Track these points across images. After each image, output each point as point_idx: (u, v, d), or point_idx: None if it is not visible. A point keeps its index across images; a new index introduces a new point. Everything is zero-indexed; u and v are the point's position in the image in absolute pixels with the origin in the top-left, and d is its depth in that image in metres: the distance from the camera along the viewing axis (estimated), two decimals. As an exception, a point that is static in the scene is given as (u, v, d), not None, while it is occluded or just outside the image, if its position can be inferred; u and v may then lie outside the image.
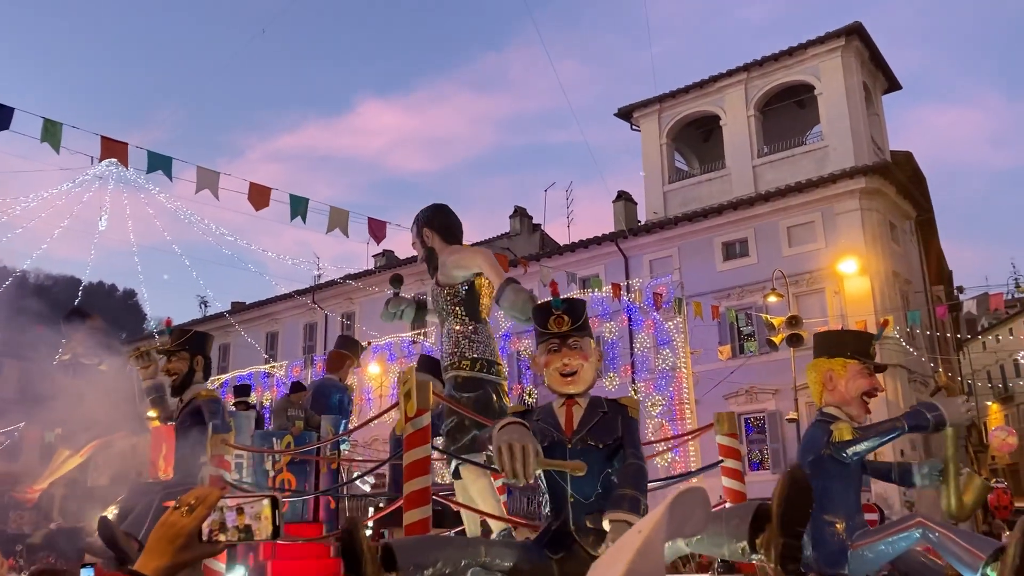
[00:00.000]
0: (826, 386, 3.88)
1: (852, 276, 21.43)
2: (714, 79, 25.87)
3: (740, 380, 22.21)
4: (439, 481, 6.48)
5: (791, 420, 19.26)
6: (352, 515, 2.55)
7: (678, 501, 1.95)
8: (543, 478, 3.01)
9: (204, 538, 1.33)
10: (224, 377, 28.68)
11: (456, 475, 4.15)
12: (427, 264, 4.48)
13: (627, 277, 24.07)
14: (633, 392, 22.57)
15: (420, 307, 4.72)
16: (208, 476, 4.89)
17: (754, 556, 2.80)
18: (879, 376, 3.89)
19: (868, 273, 21.65)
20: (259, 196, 8.53)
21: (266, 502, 1.36)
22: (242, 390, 8.90)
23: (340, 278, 29.14)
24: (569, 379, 3.09)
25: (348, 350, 7.89)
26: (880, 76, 26.16)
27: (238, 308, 33.90)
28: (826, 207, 22.71)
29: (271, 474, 6.17)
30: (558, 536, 2.89)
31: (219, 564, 3.98)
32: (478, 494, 4.09)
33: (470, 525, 4.30)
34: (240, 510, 1.35)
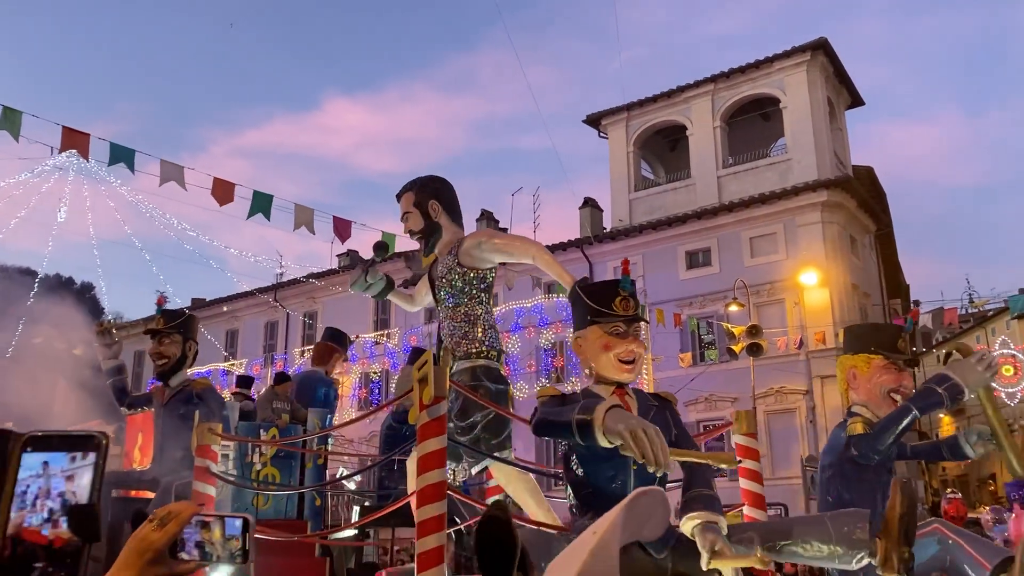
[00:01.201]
0: (850, 384, 3.65)
1: (812, 288, 21.75)
2: (681, 89, 26.11)
3: (700, 387, 22.42)
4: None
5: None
6: (499, 500, 2.51)
7: (635, 503, 1.99)
8: (588, 472, 2.75)
9: (176, 555, 1.32)
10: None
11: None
12: (424, 238, 4.10)
13: (592, 276, 24.19)
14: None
15: (389, 285, 4.42)
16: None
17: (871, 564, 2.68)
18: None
19: (828, 285, 21.98)
20: (223, 191, 8.45)
21: (239, 522, 1.34)
22: (245, 381, 8.51)
23: (303, 277, 28.92)
24: (628, 367, 2.85)
25: (336, 343, 7.58)
26: (844, 91, 26.60)
27: (198, 304, 33.46)
28: (788, 219, 23.03)
29: (257, 467, 5.89)
30: None
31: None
32: (527, 493, 3.87)
33: None
34: (211, 528, 1.34)
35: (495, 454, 3.75)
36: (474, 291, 3.96)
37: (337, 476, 8.87)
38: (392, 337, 28.16)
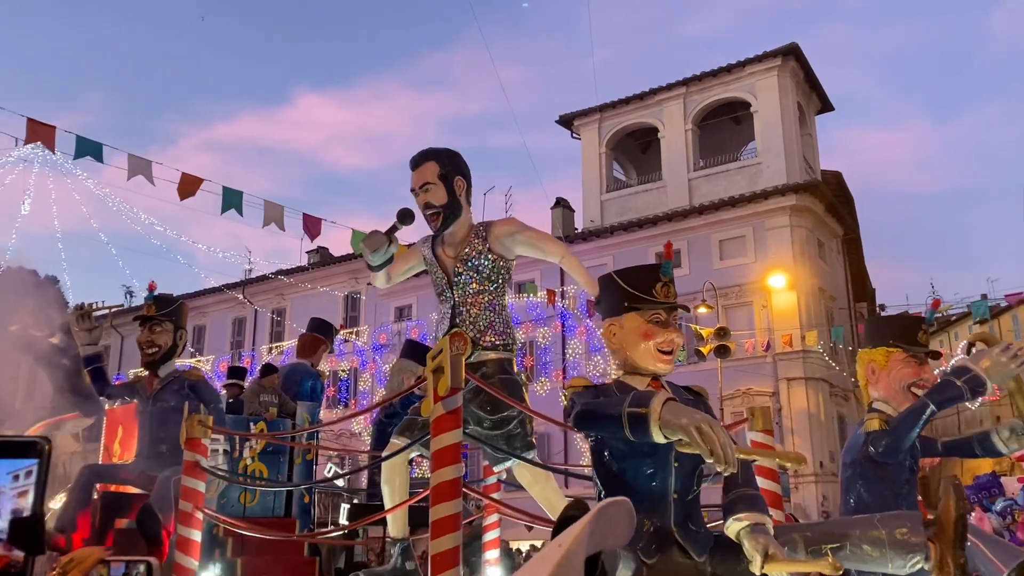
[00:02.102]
0: (869, 379, 3.52)
1: (780, 291, 21.98)
2: (654, 92, 26.25)
3: (668, 389, 22.52)
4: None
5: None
6: (578, 499, 2.15)
7: (602, 514, 1.93)
8: (624, 469, 2.56)
9: None
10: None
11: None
12: (444, 215, 3.75)
13: (562, 283, 24.20)
14: (563, 398, 22.73)
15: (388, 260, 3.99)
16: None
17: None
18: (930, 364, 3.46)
19: (795, 288, 22.22)
20: (188, 186, 8.35)
21: (142, 567, 1.31)
22: (238, 372, 8.15)
23: (272, 273, 28.70)
24: (667, 357, 2.66)
25: (322, 333, 7.25)
26: (814, 97, 26.89)
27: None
28: (757, 222, 23.25)
29: (247, 462, 5.62)
30: (655, 537, 2.46)
31: (192, 562, 3.73)
32: (556, 494, 3.74)
33: None
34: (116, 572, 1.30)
35: (526, 453, 3.61)
36: (500, 280, 3.81)
37: (327, 473, 8.60)
38: (361, 335, 28.04)
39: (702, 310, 19.94)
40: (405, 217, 3.73)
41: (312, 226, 9.61)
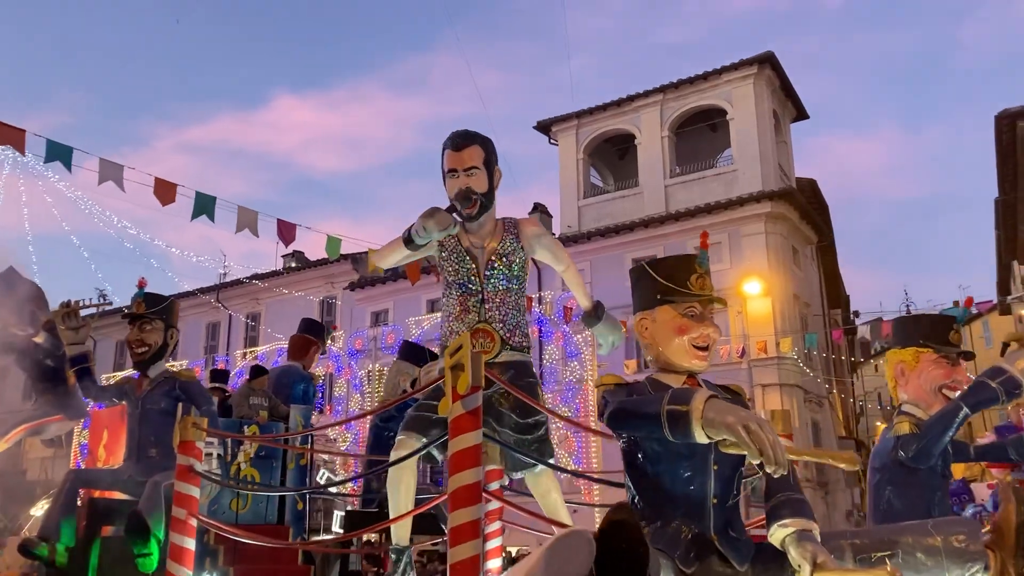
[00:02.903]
0: (898, 381, 3.40)
1: (755, 297, 22.10)
2: (631, 99, 26.35)
3: (644, 395, 22.60)
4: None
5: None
6: (623, 502, 2.12)
7: (559, 545, 1.85)
8: (660, 472, 2.41)
9: None
10: (119, 374, 27.61)
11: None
12: (481, 204, 3.56)
13: (539, 289, 24.23)
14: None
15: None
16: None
17: None
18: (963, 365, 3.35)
19: (770, 295, 22.36)
20: (165, 191, 8.26)
21: None
22: (220, 375, 7.84)
23: (247, 278, 28.48)
24: (703, 353, 2.51)
25: (313, 334, 7.00)
26: (789, 104, 27.11)
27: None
28: (733, 229, 23.38)
29: (242, 466, 5.40)
30: (694, 545, 2.31)
31: (186, 572, 3.54)
32: (563, 507, 3.64)
33: None
34: None
35: (550, 460, 3.51)
36: (524, 280, 3.70)
37: (319, 479, 8.31)
38: (336, 340, 27.87)
39: (678, 316, 20.02)
40: (465, 200, 3.53)
41: (286, 232, 9.53)
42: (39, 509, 4.86)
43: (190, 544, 3.62)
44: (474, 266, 3.60)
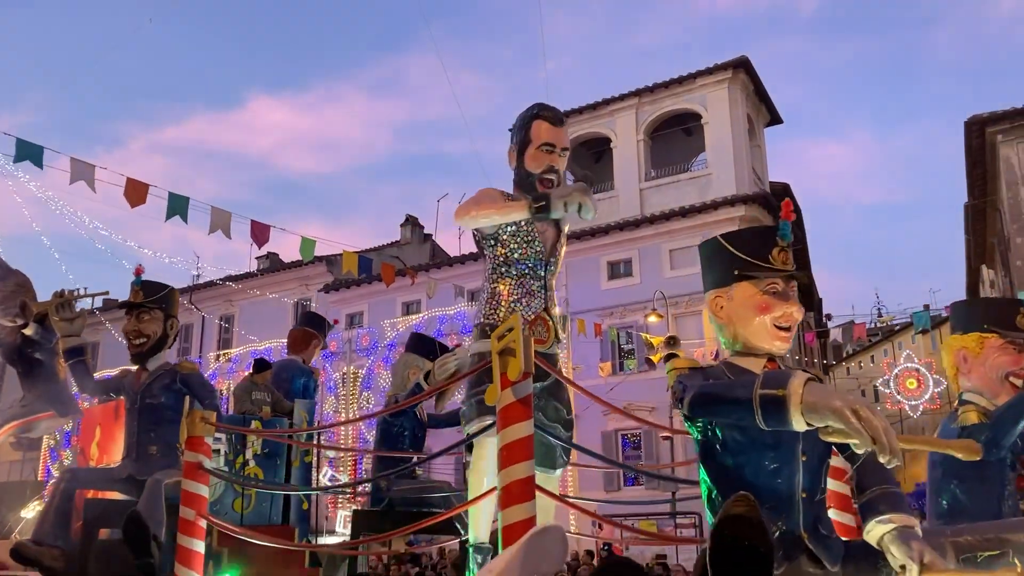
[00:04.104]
0: (960, 368, 3.22)
1: (729, 300, 22.23)
2: (607, 102, 26.45)
3: (619, 397, 22.61)
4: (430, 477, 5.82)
5: (666, 438, 19.83)
6: (744, 494, 1.81)
7: (534, 540, 1.85)
8: (742, 464, 2.22)
9: None
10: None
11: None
12: (564, 183, 3.45)
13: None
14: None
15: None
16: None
17: None
18: None
19: (744, 298, 22.51)
20: (136, 192, 8.16)
21: None
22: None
23: (220, 279, 28.23)
24: (785, 334, 2.31)
25: (314, 328, 6.74)
26: (763, 109, 27.34)
27: (110, 305, 32.34)
28: (707, 232, 23.46)
29: (251, 464, 5.17)
30: (782, 543, 2.12)
31: (194, 575, 3.42)
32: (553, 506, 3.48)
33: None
34: None
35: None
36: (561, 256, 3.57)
37: (323, 479, 7.95)
38: (312, 342, 27.71)
39: (652, 319, 20.14)
40: (551, 177, 3.44)
41: (260, 233, 9.45)
42: (30, 511, 4.65)
43: (199, 546, 3.48)
44: (543, 250, 3.44)
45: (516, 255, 3.41)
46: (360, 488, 8.23)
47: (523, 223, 3.39)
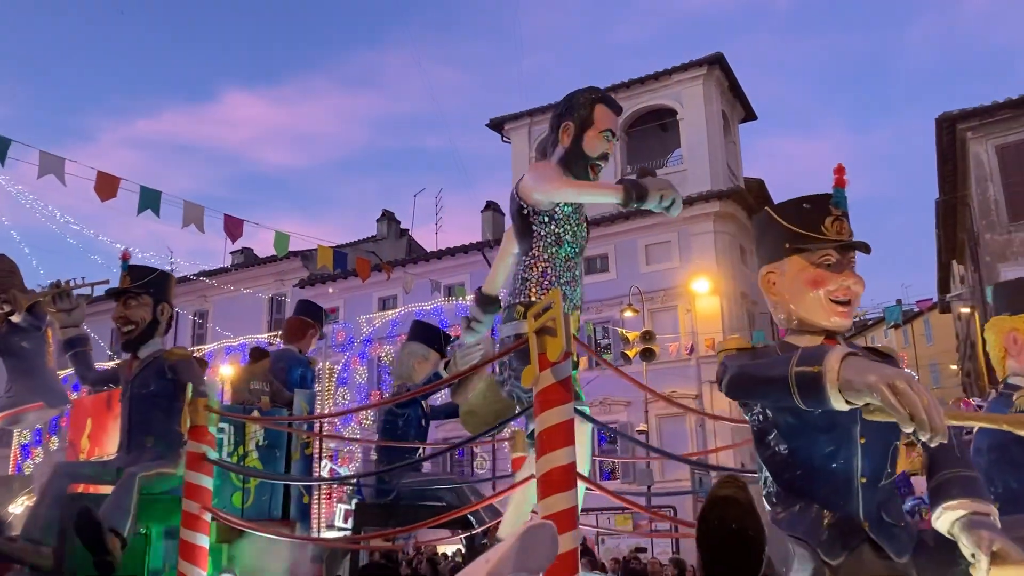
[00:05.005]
0: (1009, 350, 3.06)
1: (704, 295, 22.41)
2: (583, 97, 26.47)
3: (594, 391, 22.74)
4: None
5: (641, 432, 19.95)
6: (732, 475, 1.59)
7: (527, 536, 1.86)
8: (796, 448, 2.09)
9: None
10: (63, 373, 26.93)
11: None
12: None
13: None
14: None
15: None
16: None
17: None
18: None
19: (718, 292, 22.71)
20: (107, 186, 8.06)
21: None
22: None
23: (194, 275, 28.00)
24: (844, 309, 2.16)
25: (311, 317, 6.51)
26: (738, 105, 27.51)
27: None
28: (682, 228, 23.67)
29: (254, 455, 5.00)
30: (840, 532, 1.99)
31: (200, 572, 3.34)
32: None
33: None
34: None
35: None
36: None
37: (322, 471, 7.70)
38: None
39: (628, 314, 20.26)
40: (602, 162, 3.45)
41: (234, 227, 9.37)
42: (19, 506, 4.48)
43: (203, 541, 3.37)
44: (585, 235, 3.46)
45: (568, 236, 3.35)
46: (352, 481, 8.07)
47: (578, 205, 3.37)
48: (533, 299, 3.17)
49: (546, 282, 3.26)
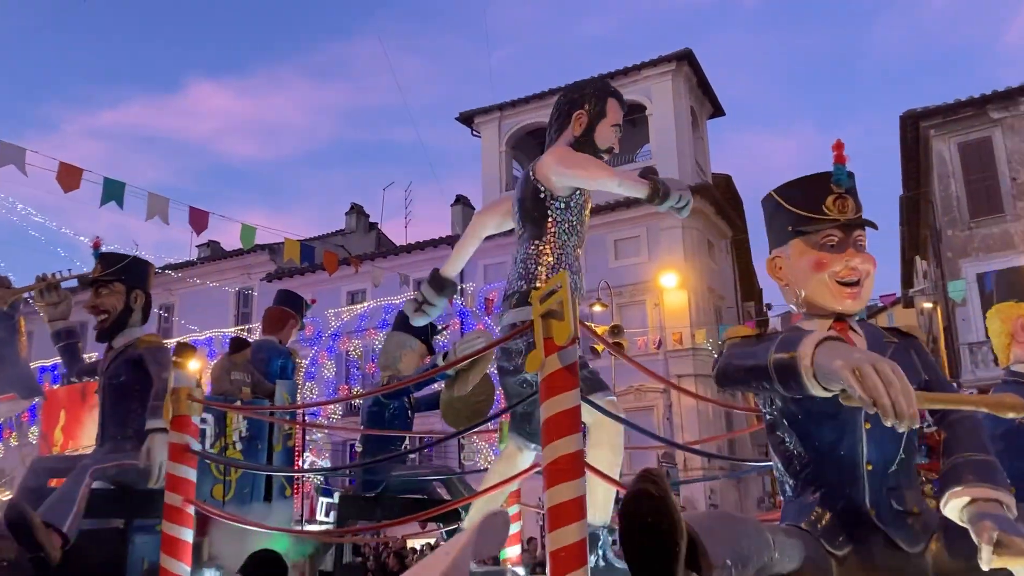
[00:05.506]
0: (1016, 337, 3.02)
1: (672, 290, 22.57)
2: (552, 92, 26.44)
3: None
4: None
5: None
6: (651, 469, 1.52)
7: (486, 524, 1.91)
8: (802, 436, 2.03)
9: None
10: (39, 364, 26.45)
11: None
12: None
13: (461, 281, 24.19)
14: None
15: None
16: (154, 448, 3.70)
17: None
18: None
19: (686, 287, 22.86)
20: (69, 177, 7.94)
21: None
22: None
23: (159, 268, 27.61)
24: (851, 290, 2.07)
25: (291, 307, 6.35)
26: (706, 101, 27.69)
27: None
28: (651, 223, 23.79)
29: (236, 445, 4.88)
30: (845, 522, 1.92)
31: (183, 567, 3.23)
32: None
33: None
34: None
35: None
36: None
37: (303, 464, 7.53)
38: (254, 332, 27.33)
39: (597, 308, 20.32)
40: (608, 155, 3.46)
41: (199, 219, 9.29)
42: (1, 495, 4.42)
43: (187, 535, 3.29)
44: (587, 225, 3.44)
45: (578, 226, 3.35)
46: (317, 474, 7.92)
47: (587, 197, 3.37)
48: (535, 286, 3.14)
49: (557, 267, 3.22)
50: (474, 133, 28.19)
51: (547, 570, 2.12)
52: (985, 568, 1.71)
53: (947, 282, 18.73)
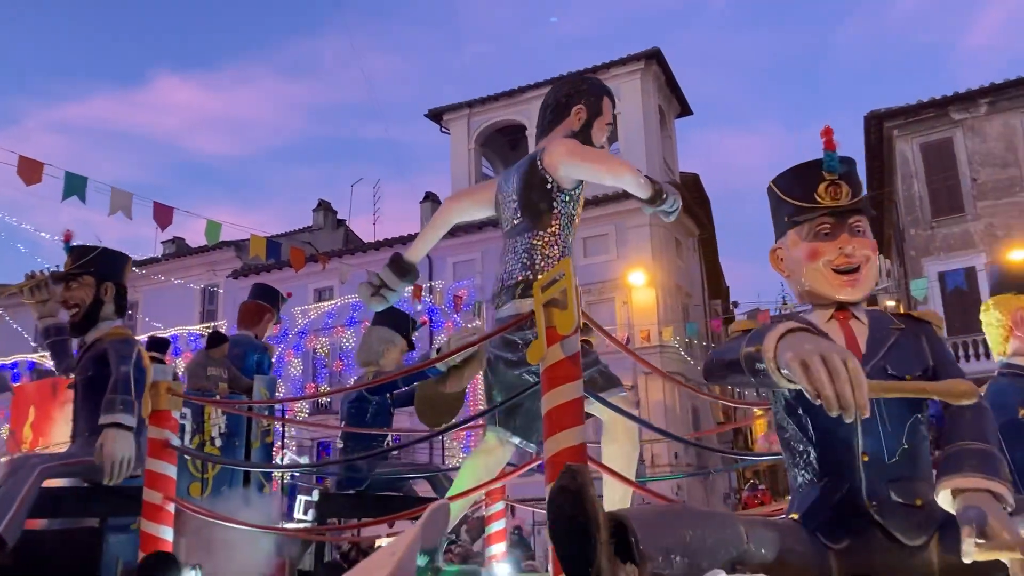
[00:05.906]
0: (1016, 329, 3.01)
1: (640, 287, 22.71)
2: (522, 90, 26.53)
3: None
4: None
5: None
6: (571, 465, 1.54)
7: (430, 519, 1.93)
8: (800, 426, 1.99)
9: None
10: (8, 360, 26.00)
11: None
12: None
13: (430, 278, 24.20)
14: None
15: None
16: (107, 444, 3.59)
17: None
18: None
19: (654, 285, 23.02)
20: (30, 171, 7.80)
21: None
22: (159, 345, 6.52)
23: (123, 264, 27.23)
24: (848, 278, 2.03)
25: (267, 301, 6.22)
26: (674, 100, 27.87)
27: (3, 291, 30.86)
28: (619, 221, 23.90)
29: (218, 443, 4.79)
30: (842, 514, 1.90)
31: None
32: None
33: None
34: None
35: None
36: None
37: (281, 461, 7.37)
38: (221, 329, 27.07)
39: (566, 306, 20.40)
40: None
41: (163, 215, 9.14)
42: None
43: (167, 534, 3.24)
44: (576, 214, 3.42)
45: (576, 218, 3.33)
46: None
47: (583, 187, 3.35)
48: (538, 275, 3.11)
49: (559, 258, 3.21)
50: (443, 130, 28.13)
51: (549, 567, 2.07)
52: (966, 561, 1.68)
53: (910, 280, 19.03)
